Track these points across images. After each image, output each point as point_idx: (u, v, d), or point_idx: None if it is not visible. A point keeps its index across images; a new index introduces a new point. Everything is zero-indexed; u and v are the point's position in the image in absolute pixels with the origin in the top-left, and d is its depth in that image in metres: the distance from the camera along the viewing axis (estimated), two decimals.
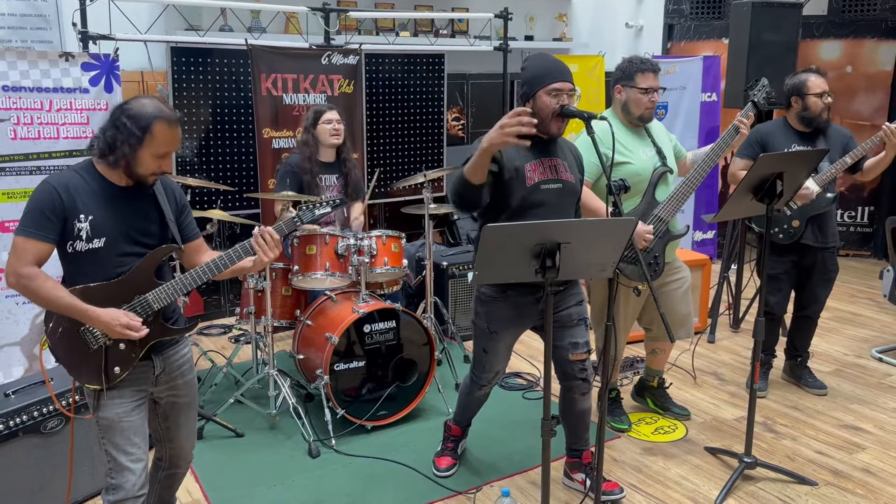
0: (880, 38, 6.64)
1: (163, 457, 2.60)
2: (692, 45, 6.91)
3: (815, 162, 3.10)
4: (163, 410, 2.48)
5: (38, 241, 2.17)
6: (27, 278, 2.16)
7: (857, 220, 6.99)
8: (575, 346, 2.98)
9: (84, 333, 2.27)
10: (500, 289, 2.92)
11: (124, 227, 2.27)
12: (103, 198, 2.24)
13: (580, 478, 3.15)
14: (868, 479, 3.25)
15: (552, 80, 2.76)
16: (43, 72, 3.90)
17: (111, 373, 2.30)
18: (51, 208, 2.17)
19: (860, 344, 4.85)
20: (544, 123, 2.79)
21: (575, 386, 3.01)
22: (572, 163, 2.95)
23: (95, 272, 2.24)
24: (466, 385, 3.24)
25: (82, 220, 2.20)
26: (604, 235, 2.33)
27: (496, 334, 2.97)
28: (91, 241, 2.21)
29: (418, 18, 5.86)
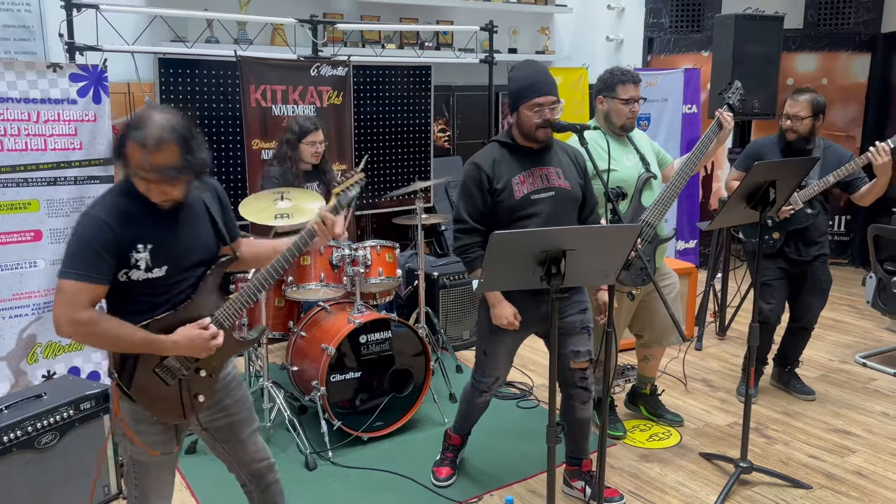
0: (854, 51, 6.80)
1: (243, 480, 2.47)
2: (672, 59, 7.01)
3: (807, 170, 3.17)
4: (221, 435, 2.34)
5: (93, 285, 1.93)
6: (89, 324, 1.94)
7: (834, 229, 7.12)
8: (577, 355, 2.99)
9: (160, 371, 2.10)
10: (504, 291, 2.93)
11: (183, 249, 2.09)
12: (159, 220, 2.03)
13: (580, 485, 3.16)
14: (861, 481, 3.30)
15: (534, 96, 2.80)
16: (30, 83, 3.85)
17: (196, 402, 2.18)
18: (103, 245, 1.92)
19: (844, 350, 4.93)
20: (530, 135, 2.86)
21: (575, 394, 3.03)
22: (569, 167, 2.96)
23: (147, 301, 2.04)
24: (467, 391, 3.24)
25: (140, 251, 1.98)
26: (608, 242, 2.35)
27: (497, 336, 2.98)
28: (150, 270, 2.01)
29: (405, 31, 5.88)
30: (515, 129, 2.90)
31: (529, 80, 2.84)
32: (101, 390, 3.09)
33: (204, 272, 2.17)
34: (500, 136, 2.99)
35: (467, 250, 2.92)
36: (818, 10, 6.85)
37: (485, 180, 2.85)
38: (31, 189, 3.89)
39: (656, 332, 3.63)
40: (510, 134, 2.94)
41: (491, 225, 2.85)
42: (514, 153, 2.90)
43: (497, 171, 2.85)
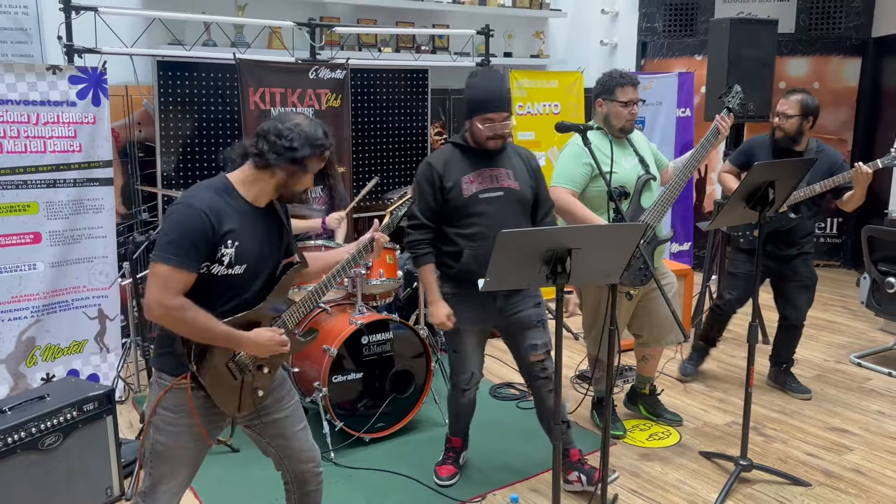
0: (845, 55, 6.87)
1: (287, 479, 2.50)
2: (665, 62, 7.08)
3: (805, 171, 3.21)
4: (267, 431, 2.38)
5: (187, 272, 2.03)
6: (179, 310, 2.03)
7: (826, 232, 7.19)
8: (534, 348, 3.10)
9: (232, 365, 2.20)
10: (457, 284, 3.06)
11: (263, 251, 2.20)
12: (246, 221, 2.15)
13: (575, 476, 3.19)
14: (859, 479, 3.34)
15: (486, 111, 2.93)
16: (30, 85, 3.85)
17: (256, 397, 2.27)
18: (202, 236, 2.03)
19: (838, 350, 4.98)
20: (481, 144, 3.00)
21: (539, 385, 3.14)
22: (520, 169, 3.07)
23: (225, 296, 2.14)
24: (451, 395, 3.34)
25: (228, 246, 2.09)
26: (613, 241, 2.37)
27: (460, 332, 3.10)
28: (232, 267, 2.11)
29: (402, 34, 5.90)
30: (469, 135, 3.03)
31: (484, 95, 2.96)
32: (103, 392, 3.08)
33: (271, 276, 2.27)
34: (455, 137, 3.11)
35: (416, 246, 3.06)
36: (809, 14, 6.92)
37: (436, 178, 2.99)
38: (30, 191, 3.89)
39: (655, 332, 3.66)
40: (464, 136, 3.06)
41: (441, 222, 3.03)
42: (466, 154, 3.03)
43: (448, 170, 3.00)
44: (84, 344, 4.13)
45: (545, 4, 6.88)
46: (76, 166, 4.02)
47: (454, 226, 3.02)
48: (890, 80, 6.60)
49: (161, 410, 2.19)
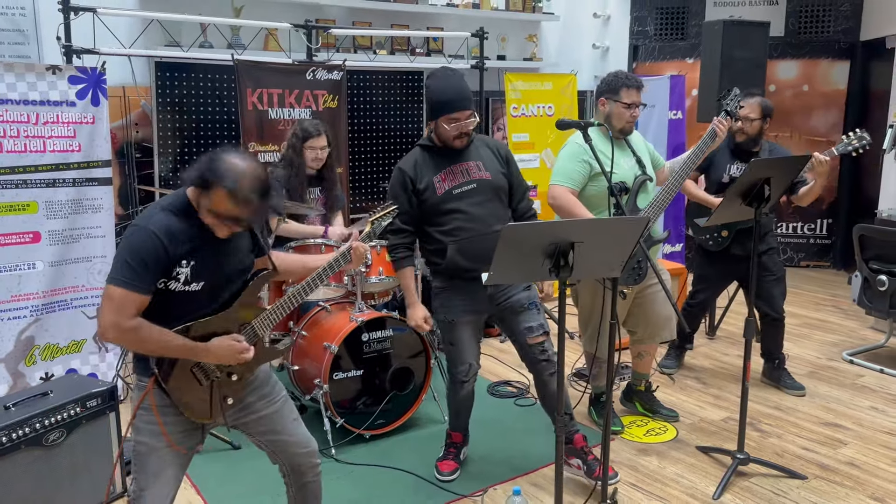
0: (834, 58, 6.97)
1: (284, 471, 2.51)
2: (657, 66, 7.15)
3: (800, 168, 3.27)
4: (254, 429, 2.39)
5: (140, 295, 2.05)
6: (133, 331, 2.05)
7: (816, 233, 7.28)
8: (530, 330, 3.13)
9: (197, 371, 2.21)
10: (447, 278, 3.11)
11: (224, 267, 2.20)
12: (204, 240, 2.14)
13: (576, 463, 3.23)
14: (854, 471, 3.39)
15: (450, 111, 2.99)
16: (30, 84, 3.86)
17: (224, 404, 2.26)
18: (154, 259, 2.05)
19: (830, 348, 5.04)
20: (448, 144, 3.06)
21: (541, 368, 3.16)
22: (490, 159, 3.13)
23: (184, 311, 2.15)
24: (449, 388, 3.36)
25: (183, 266, 2.10)
26: (616, 234, 2.41)
27: (454, 323, 3.14)
28: (188, 284, 2.12)
29: (397, 37, 5.95)
30: (435, 135, 3.09)
31: (447, 96, 3.01)
32: (106, 388, 3.10)
33: (242, 283, 2.28)
34: (422, 140, 3.18)
35: (394, 250, 3.15)
36: (799, 18, 7.02)
37: (408, 182, 3.06)
38: (30, 190, 3.89)
39: (650, 329, 3.70)
40: (430, 138, 3.12)
41: (420, 224, 3.10)
42: (435, 154, 3.10)
43: (419, 172, 3.07)
44: (83, 343, 4.13)
45: (538, 8, 6.94)
46: (75, 166, 4.03)
47: (434, 224, 3.08)
48: (878, 82, 6.69)
49: (141, 412, 2.20)
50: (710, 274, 4.40)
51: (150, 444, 2.20)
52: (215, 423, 2.33)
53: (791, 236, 7.29)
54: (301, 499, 2.55)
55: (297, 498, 2.55)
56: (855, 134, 3.91)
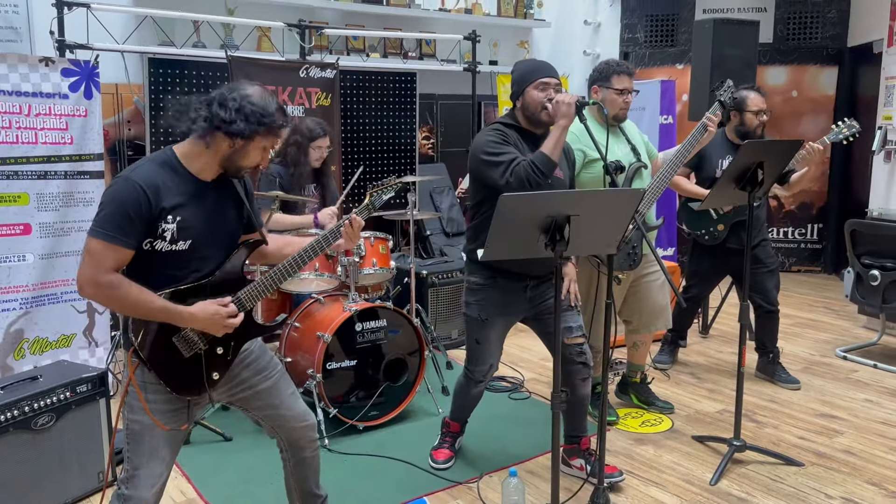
0: (822, 64, 7.05)
1: (282, 446, 2.45)
2: (647, 72, 7.20)
3: (793, 152, 3.28)
4: (249, 405, 2.34)
5: (121, 248, 1.97)
6: (109, 287, 1.97)
7: (806, 237, 7.31)
8: (569, 331, 3.04)
9: (178, 341, 2.12)
10: (489, 275, 3.01)
11: (211, 228, 2.13)
12: (190, 196, 2.07)
13: (579, 464, 3.18)
14: (851, 459, 3.38)
15: (540, 76, 2.93)
16: (22, 76, 3.84)
17: (211, 379, 2.18)
18: (136, 210, 1.96)
19: (823, 345, 5.04)
20: (535, 116, 2.93)
21: (574, 370, 3.06)
22: (562, 160, 3.05)
23: (171, 273, 2.08)
24: (461, 384, 3.28)
25: (169, 222, 2.02)
26: (611, 207, 2.41)
27: (487, 321, 3.03)
28: (175, 242, 2.05)
29: (390, 38, 5.97)
30: (519, 112, 2.99)
31: (534, 66, 3.01)
32: (97, 374, 3.06)
33: (229, 253, 2.21)
34: (501, 118, 3.06)
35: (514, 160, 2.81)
36: (787, 24, 7.10)
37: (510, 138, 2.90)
38: (21, 182, 3.86)
39: (645, 318, 3.70)
40: (513, 115, 3.02)
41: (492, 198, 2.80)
42: (521, 134, 2.96)
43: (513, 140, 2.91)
44: (72, 338, 4.08)
45: (529, 14, 6.99)
46: (67, 158, 4.01)
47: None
48: (865, 88, 6.76)
49: (131, 388, 2.13)
50: (703, 268, 4.41)
51: (144, 423, 2.13)
52: (202, 403, 2.26)
53: (782, 241, 7.31)
54: (299, 473, 2.51)
55: (295, 473, 2.51)
56: (845, 122, 3.95)
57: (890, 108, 5.80)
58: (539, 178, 2.72)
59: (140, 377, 2.12)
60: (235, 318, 2.14)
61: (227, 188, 2.21)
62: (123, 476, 2.16)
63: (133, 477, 2.13)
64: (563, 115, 2.77)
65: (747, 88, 4.14)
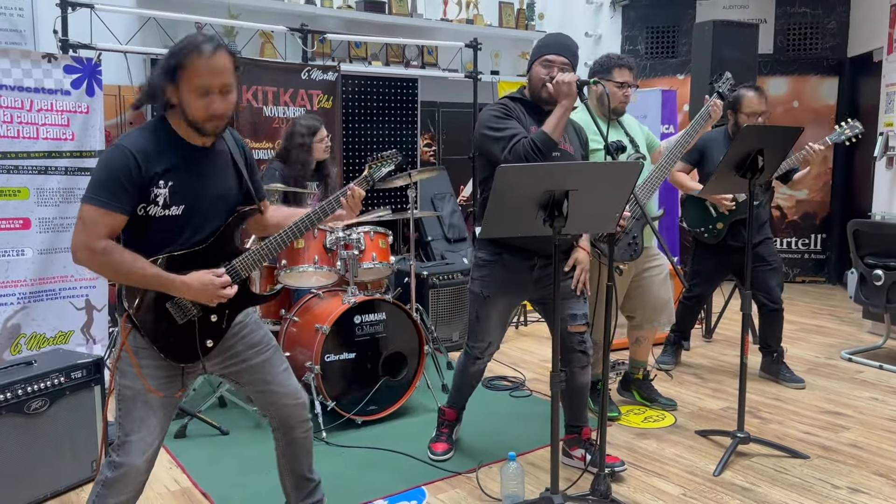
0: (822, 74, 7.07)
1: (274, 424, 2.41)
2: (648, 82, 7.22)
3: (793, 139, 3.27)
4: (243, 378, 2.31)
5: (113, 213, 1.97)
6: (102, 253, 1.97)
7: (810, 248, 7.27)
8: (573, 318, 3.00)
9: (172, 307, 2.10)
10: (495, 251, 2.97)
11: (204, 192, 2.11)
12: (182, 160, 2.06)
13: (580, 454, 3.13)
14: (857, 452, 3.32)
15: (546, 53, 2.91)
16: (25, 71, 3.88)
17: (205, 347, 2.15)
18: (127, 175, 1.97)
19: (828, 349, 4.99)
20: (536, 93, 2.93)
21: (574, 358, 3.02)
22: (573, 135, 3.04)
23: (165, 239, 2.07)
24: (461, 361, 3.25)
25: (161, 187, 2.01)
26: (610, 180, 2.39)
27: (489, 298, 3.00)
28: (168, 208, 2.04)
29: (392, 44, 6.01)
30: (528, 87, 2.99)
31: (546, 41, 2.99)
32: (92, 360, 3.03)
33: (225, 220, 2.19)
34: (512, 92, 3.06)
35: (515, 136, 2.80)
36: (787, 35, 7.14)
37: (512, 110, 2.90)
38: (21, 177, 3.88)
39: (648, 312, 3.66)
40: (522, 91, 3.02)
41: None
42: (528, 107, 2.95)
43: (517, 113, 2.91)
44: (70, 335, 4.06)
45: (531, 26, 7.05)
46: (68, 154, 4.02)
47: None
48: (867, 97, 6.77)
49: (123, 354, 2.12)
50: (706, 267, 4.38)
51: (136, 388, 2.11)
52: (197, 371, 2.24)
53: (785, 251, 7.28)
54: (290, 454, 2.46)
55: (285, 453, 2.46)
56: (847, 123, 3.94)
57: (891, 115, 5.80)
58: (537, 156, 2.71)
59: (133, 342, 2.10)
60: (229, 289, 2.12)
61: (223, 156, 2.20)
62: (115, 443, 2.12)
63: (125, 443, 2.09)
64: (564, 95, 2.76)
65: (747, 87, 4.14)
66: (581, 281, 3.04)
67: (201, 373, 2.28)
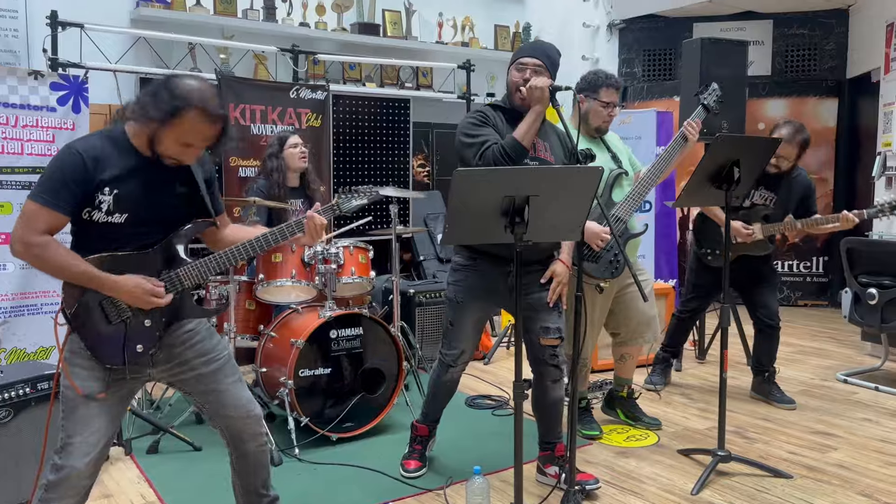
0: (821, 96, 7.03)
1: (226, 437, 2.35)
2: (645, 104, 7.21)
3: (770, 151, 3.22)
4: (192, 387, 2.27)
5: (54, 211, 1.99)
6: (38, 247, 1.99)
7: (812, 271, 7.17)
8: (546, 331, 2.94)
9: (105, 306, 2.09)
10: (471, 256, 2.95)
11: (150, 204, 2.11)
12: (132, 170, 2.07)
13: (553, 471, 3.06)
14: (842, 472, 3.21)
15: (520, 55, 2.92)
16: (10, 88, 3.92)
17: (133, 350, 2.13)
18: (73, 176, 1.99)
19: (825, 370, 4.88)
20: (512, 97, 2.92)
21: (546, 372, 2.96)
22: (557, 146, 3.02)
23: (108, 245, 2.07)
24: (434, 369, 3.20)
25: (106, 193, 2.02)
26: (571, 186, 2.35)
27: (462, 304, 2.98)
28: (111, 214, 2.05)
29: (385, 65, 6.04)
30: (507, 93, 3.00)
31: (524, 46, 3.01)
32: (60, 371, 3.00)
33: (173, 231, 2.19)
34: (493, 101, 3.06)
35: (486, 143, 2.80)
36: (785, 58, 7.11)
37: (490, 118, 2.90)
38: (5, 191, 3.90)
39: (632, 329, 3.60)
40: (504, 98, 3.03)
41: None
42: (507, 115, 2.94)
43: (495, 121, 2.91)
44: (52, 350, 4.05)
45: None
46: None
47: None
48: (867, 118, 6.72)
49: (67, 353, 2.11)
50: (703, 282, 4.27)
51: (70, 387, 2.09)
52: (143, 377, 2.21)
53: (787, 274, 7.18)
54: (243, 469, 2.39)
55: (238, 467, 2.39)
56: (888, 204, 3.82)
57: (889, 135, 5.73)
58: (507, 162, 2.69)
59: (71, 345, 2.10)
60: (160, 298, 2.10)
61: (178, 168, 2.18)
62: (58, 445, 2.10)
63: (67, 446, 2.07)
64: (535, 100, 2.76)
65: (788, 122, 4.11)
66: (557, 293, 2.99)
67: (147, 379, 2.25)
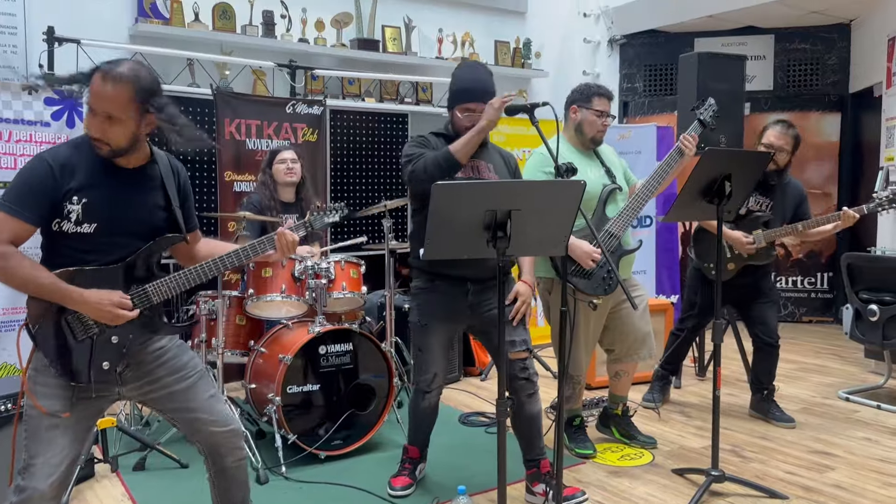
0: (824, 111, 6.98)
1: (203, 453, 2.30)
2: (646, 119, 7.19)
3: (762, 165, 3.18)
4: (164, 405, 2.22)
5: (19, 221, 1.97)
6: (2, 257, 1.95)
7: (817, 287, 7.09)
8: (512, 345, 2.94)
9: (70, 322, 2.05)
10: (429, 279, 2.98)
11: (121, 215, 2.07)
12: (102, 179, 2.04)
13: (541, 489, 3.00)
14: (840, 493, 3.14)
15: (466, 101, 2.93)
16: (4, 103, 3.93)
17: (99, 367, 2.07)
18: (40, 186, 1.96)
19: (826, 388, 4.79)
20: (459, 135, 2.92)
21: (519, 387, 2.96)
22: (500, 166, 3.04)
23: (76, 257, 2.04)
24: (412, 399, 3.20)
25: (74, 203, 2.00)
26: (553, 200, 2.31)
27: (427, 327, 2.99)
28: (80, 224, 2.01)
29: (384, 80, 6.02)
30: (451, 125, 3.02)
31: (466, 85, 2.97)
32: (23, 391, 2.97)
33: (145, 243, 2.15)
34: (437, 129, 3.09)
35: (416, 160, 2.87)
36: (786, 72, 7.07)
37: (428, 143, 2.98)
38: None
39: (627, 345, 3.54)
40: (447, 127, 3.05)
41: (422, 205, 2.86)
42: (449, 142, 2.93)
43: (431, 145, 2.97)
44: None
45: (527, 64, 7.06)
46: None
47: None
48: (870, 133, 6.65)
49: (31, 371, 2.07)
50: (704, 298, 4.18)
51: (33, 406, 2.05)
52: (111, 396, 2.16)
53: (791, 290, 7.10)
54: (222, 484, 2.34)
55: (217, 483, 2.35)
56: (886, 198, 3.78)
57: (891, 149, 5.68)
58: (436, 171, 2.74)
59: (36, 362, 2.07)
60: (127, 312, 2.06)
61: (151, 179, 2.17)
62: (21, 466, 2.05)
63: (29, 467, 2.02)
64: (486, 115, 2.77)
65: (778, 121, 4.09)
66: (521, 313, 3.00)
67: (117, 398, 2.21)
